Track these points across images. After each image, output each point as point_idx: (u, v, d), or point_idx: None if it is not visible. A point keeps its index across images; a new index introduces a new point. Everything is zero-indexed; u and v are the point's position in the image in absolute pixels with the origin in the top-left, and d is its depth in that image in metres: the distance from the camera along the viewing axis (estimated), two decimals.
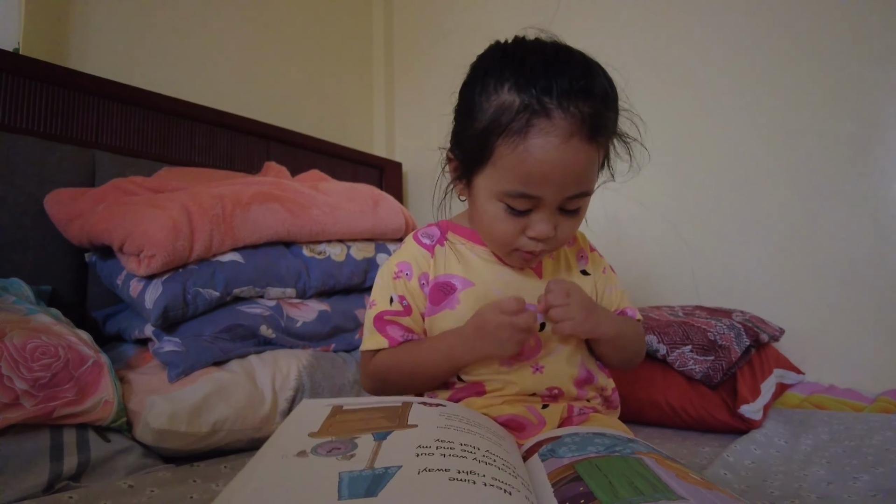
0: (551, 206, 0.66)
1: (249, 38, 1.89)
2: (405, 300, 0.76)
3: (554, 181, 0.63)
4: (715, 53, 1.72)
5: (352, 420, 0.52)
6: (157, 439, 0.90)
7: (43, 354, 0.85)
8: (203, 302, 1.08)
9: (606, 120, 0.65)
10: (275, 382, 1.06)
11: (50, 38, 1.39)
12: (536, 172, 0.62)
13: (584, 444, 0.56)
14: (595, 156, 0.65)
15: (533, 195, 0.64)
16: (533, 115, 0.61)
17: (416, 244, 0.79)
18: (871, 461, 0.94)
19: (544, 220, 0.66)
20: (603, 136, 0.65)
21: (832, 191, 1.55)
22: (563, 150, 0.61)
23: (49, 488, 0.79)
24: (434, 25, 2.28)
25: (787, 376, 1.39)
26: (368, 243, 1.41)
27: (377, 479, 0.40)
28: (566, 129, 0.61)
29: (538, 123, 0.61)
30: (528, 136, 0.62)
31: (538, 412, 0.72)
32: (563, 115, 0.61)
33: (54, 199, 1.21)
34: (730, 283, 1.66)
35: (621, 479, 0.46)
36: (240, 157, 1.68)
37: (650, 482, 0.46)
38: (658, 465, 0.49)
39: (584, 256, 0.84)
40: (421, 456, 0.44)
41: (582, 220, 0.72)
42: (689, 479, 0.47)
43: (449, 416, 0.55)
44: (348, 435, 0.48)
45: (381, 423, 0.51)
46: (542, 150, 0.61)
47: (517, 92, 0.62)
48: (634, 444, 0.57)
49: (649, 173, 1.97)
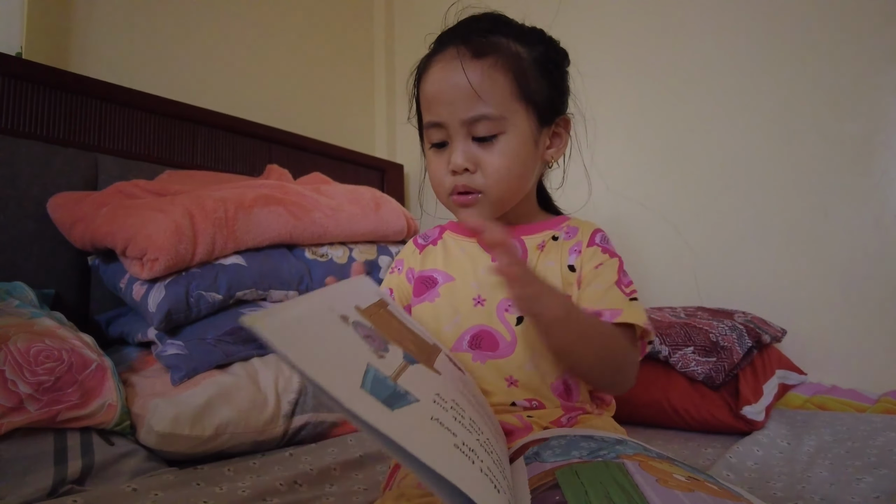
0: (458, 132, 0.69)
1: (251, 41, 1.89)
2: (392, 293, 0.80)
3: (445, 100, 0.68)
4: (717, 53, 1.72)
5: (391, 324, 0.53)
6: (161, 443, 0.90)
7: (47, 358, 0.86)
8: (206, 305, 1.09)
9: (497, 43, 0.69)
10: (278, 385, 1.06)
11: (52, 42, 1.39)
12: (431, 95, 0.69)
13: (569, 448, 0.56)
14: (492, 76, 0.67)
15: (435, 121, 0.69)
16: (430, 56, 0.72)
17: (412, 244, 0.83)
18: (874, 462, 0.94)
19: (455, 148, 0.69)
20: (491, 55, 0.68)
21: (834, 191, 1.55)
22: (449, 70, 0.68)
23: (53, 492, 0.79)
24: (435, 27, 2.28)
25: (789, 377, 1.39)
26: (370, 245, 1.41)
27: (396, 396, 0.41)
28: (452, 54, 0.68)
29: (433, 59, 0.71)
30: (428, 67, 0.71)
31: (524, 419, 0.72)
32: (451, 45, 0.69)
33: (57, 203, 1.22)
34: (732, 283, 1.66)
35: (598, 488, 0.46)
36: (242, 159, 1.69)
37: (626, 492, 0.46)
38: (640, 470, 0.49)
39: (578, 250, 0.74)
40: (437, 404, 0.45)
41: (514, 155, 0.69)
42: (671, 481, 0.47)
43: (467, 386, 0.56)
44: (383, 334, 0.49)
45: (411, 348, 0.52)
46: (433, 74, 0.70)
47: (423, 61, 0.73)
48: (621, 447, 0.56)
49: (651, 174, 1.98)
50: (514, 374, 0.71)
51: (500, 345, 0.72)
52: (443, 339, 0.74)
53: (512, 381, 0.71)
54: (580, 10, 1.91)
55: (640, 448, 0.56)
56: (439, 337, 0.73)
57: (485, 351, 0.72)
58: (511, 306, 0.72)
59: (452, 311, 0.74)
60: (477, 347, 0.72)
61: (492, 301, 0.73)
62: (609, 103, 1.85)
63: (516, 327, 0.72)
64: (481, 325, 0.73)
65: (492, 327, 0.72)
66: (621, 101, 1.86)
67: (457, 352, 0.73)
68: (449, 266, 0.77)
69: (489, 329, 0.72)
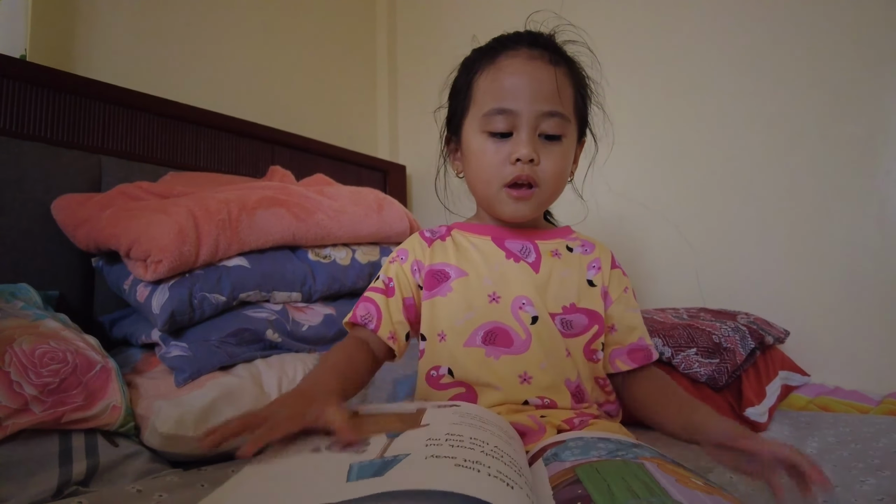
0: (529, 124, 0.70)
1: (254, 43, 1.90)
2: (392, 282, 0.78)
3: (523, 91, 0.70)
4: (719, 55, 1.72)
5: (367, 423, 0.53)
6: (165, 444, 0.90)
7: (52, 360, 0.86)
8: (209, 306, 1.09)
9: (568, 60, 0.75)
10: (281, 386, 1.06)
11: (56, 44, 1.40)
12: (507, 83, 0.71)
13: (588, 449, 0.56)
14: (563, 82, 0.72)
15: (508, 108, 0.70)
16: (500, 50, 0.73)
17: (419, 236, 0.83)
18: (878, 464, 0.94)
19: (523, 140, 0.70)
20: (564, 67, 0.73)
21: (836, 192, 1.55)
22: (529, 65, 0.71)
23: (58, 493, 0.79)
24: (437, 28, 2.29)
25: (792, 378, 1.39)
26: (373, 247, 1.41)
27: (385, 464, 0.41)
28: (529, 53, 0.72)
29: (505, 52, 0.73)
30: (497, 60, 0.73)
31: (538, 419, 0.72)
32: (526, 47, 0.73)
33: (61, 205, 1.22)
34: (734, 285, 1.66)
35: (619, 482, 0.47)
36: (245, 161, 1.69)
37: (648, 486, 0.46)
38: (658, 470, 0.50)
39: (597, 267, 0.80)
40: (430, 446, 0.45)
41: (567, 160, 0.74)
42: (690, 483, 0.48)
43: (463, 414, 0.56)
44: (361, 438, 0.49)
45: (396, 426, 0.52)
46: (511, 65, 0.71)
47: (487, 55, 0.75)
48: (638, 450, 0.57)
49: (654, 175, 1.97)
50: (528, 370, 0.72)
51: (515, 342, 0.73)
52: (455, 333, 0.74)
53: (525, 378, 0.72)
54: (582, 11, 1.91)
55: (657, 453, 0.56)
56: (451, 331, 0.74)
57: (499, 347, 0.73)
58: (526, 304, 0.73)
59: (466, 305, 0.75)
60: (491, 343, 0.73)
61: (506, 298, 0.74)
62: (611, 104, 1.85)
63: (531, 326, 0.73)
64: (496, 322, 0.74)
65: (507, 324, 0.73)
66: (624, 102, 1.86)
67: (470, 346, 0.73)
68: (461, 261, 0.78)
69: (504, 326, 0.73)
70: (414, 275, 0.78)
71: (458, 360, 0.74)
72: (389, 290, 0.78)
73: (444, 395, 0.75)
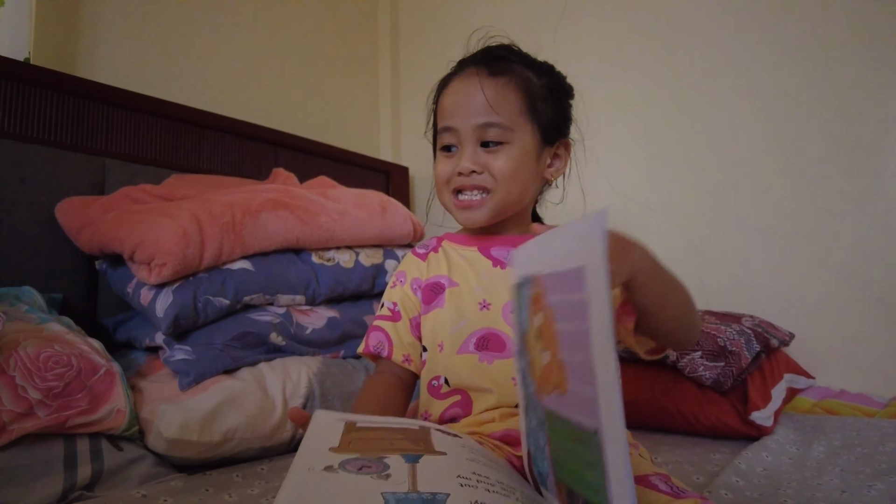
0: (468, 138, 0.74)
1: (257, 45, 1.89)
2: (396, 306, 0.80)
3: (458, 108, 0.75)
4: (724, 56, 1.71)
5: (372, 438, 0.51)
6: (170, 448, 0.90)
7: (56, 364, 0.86)
8: (213, 310, 1.09)
9: (512, 67, 0.77)
10: (285, 390, 1.06)
11: (60, 47, 1.40)
12: (448, 104, 0.77)
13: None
14: (504, 92, 0.74)
15: (450, 126, 0.75)
16: (455, 72, 0.79)
17: (412, 255, 0.85)
18: (885, 469, 0.94)
19: (465, 154, 0.74)
20: (505, 75, 0.75)
21: (841, 193, 1.54)
22: (467, 84, 0.76)
23: (63, 498, 0.79)
24: (440, 30, 2.28)
25: (797, 381, 1.39)
26: (377, 249, 1.41)
27: (426, 503, 0.39)
28: (471, 72, 0.77)
29: (454, 77, 0.79)
30: (447, 86, 0.79)
31: None
32: (471, 66, 0.77)
33: (65, 208, 1.22)
34: (739, 287, 1.66)
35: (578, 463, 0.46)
36: (248, 163, 1.69)
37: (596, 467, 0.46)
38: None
39: None
40: (465, 487, 0.43)
41: (518, 162, 0.75)
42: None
43: (471, 449, 0.54)
44: (375, 454, 0.47)
45: (406, 445, 0.50)
46: (452, 86, 0.78)
47: (444, 79, 0.81)
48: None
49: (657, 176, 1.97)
50: None
51: (508, 346, 0.75)
52: (448, 342, 0.76)
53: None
54: (585, 12, 1.91)
55: None
56: (445, 340, 0.76)
57: (492, 352, 0.75)
58: None
59: (458, 315, 0.77)
60: (484, 349, 0.75)
61: (497, 305, 0.76)
62: (614, 105, 1.85)
63: None
64: (488, 328, 0.75)
65: (498, 329, 0.75)
66: (627, 104, 1.86)
67: (463, 353, 0.75)
68: (452, 272, 0.80)
69: (496, 331, 0.75)
70: (415, 293, 0.80)
71: (452, 368, 0.75)
72: (396, 314, 0.80)
73: (443, 405, 0.76)
